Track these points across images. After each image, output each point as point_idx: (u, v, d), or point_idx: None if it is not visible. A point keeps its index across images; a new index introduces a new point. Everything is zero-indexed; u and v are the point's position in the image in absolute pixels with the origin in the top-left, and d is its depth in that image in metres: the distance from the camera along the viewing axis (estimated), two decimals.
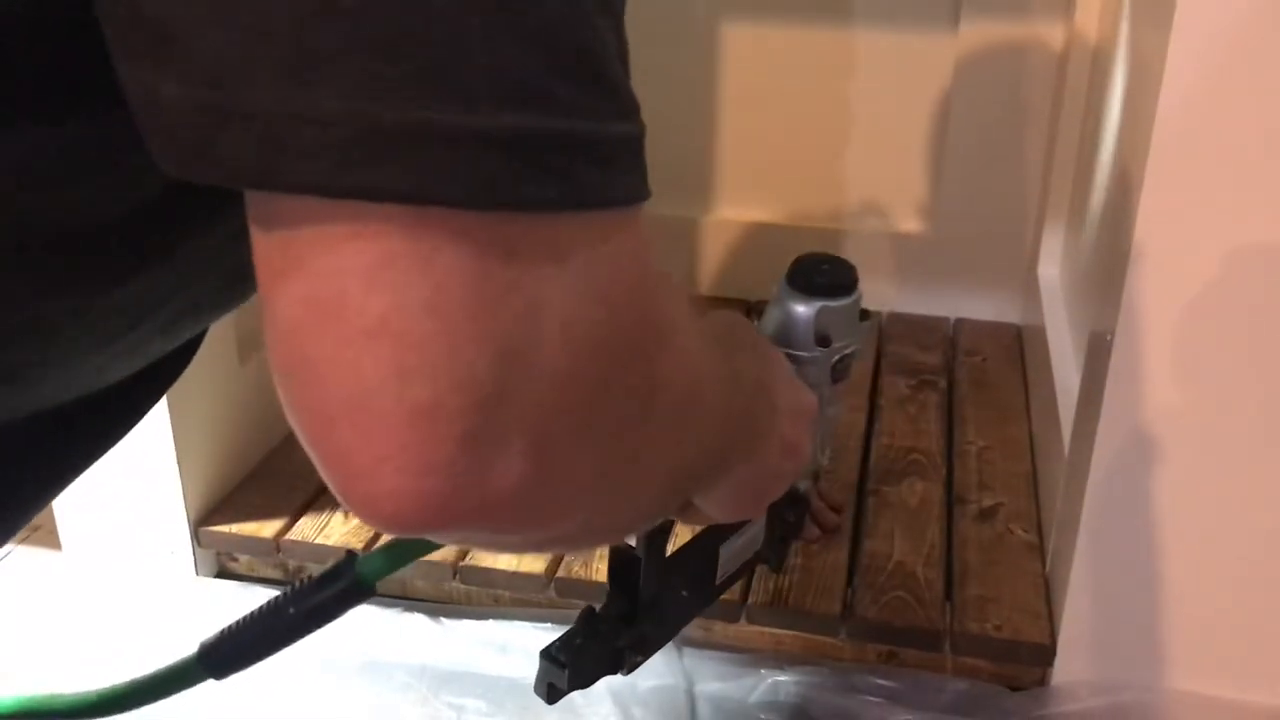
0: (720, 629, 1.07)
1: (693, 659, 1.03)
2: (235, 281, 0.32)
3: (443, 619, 1.09)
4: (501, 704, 1.01)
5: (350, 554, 0.55)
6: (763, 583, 1.06)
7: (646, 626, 0.79)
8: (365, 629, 1.08)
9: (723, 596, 1.04)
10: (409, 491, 0.32)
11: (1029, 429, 1.31)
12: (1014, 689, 1.01)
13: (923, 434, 1.30)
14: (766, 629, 1.06)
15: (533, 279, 0.32)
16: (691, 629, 1.07)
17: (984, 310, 1.58)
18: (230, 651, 0.53)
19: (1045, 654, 1.00)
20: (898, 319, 1.58)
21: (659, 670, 1.02)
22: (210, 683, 0.53)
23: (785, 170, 1.59)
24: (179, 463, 1.12)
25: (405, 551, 0.57)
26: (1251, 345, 0.85)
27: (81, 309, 0.42)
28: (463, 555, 1.10)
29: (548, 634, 1.05)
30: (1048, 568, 1.08)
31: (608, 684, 1.02)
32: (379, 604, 1.11)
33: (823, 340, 0.81)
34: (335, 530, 1.14)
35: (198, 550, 1.16)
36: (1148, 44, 0.91)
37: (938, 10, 1.46)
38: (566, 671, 0.74)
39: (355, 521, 1.15)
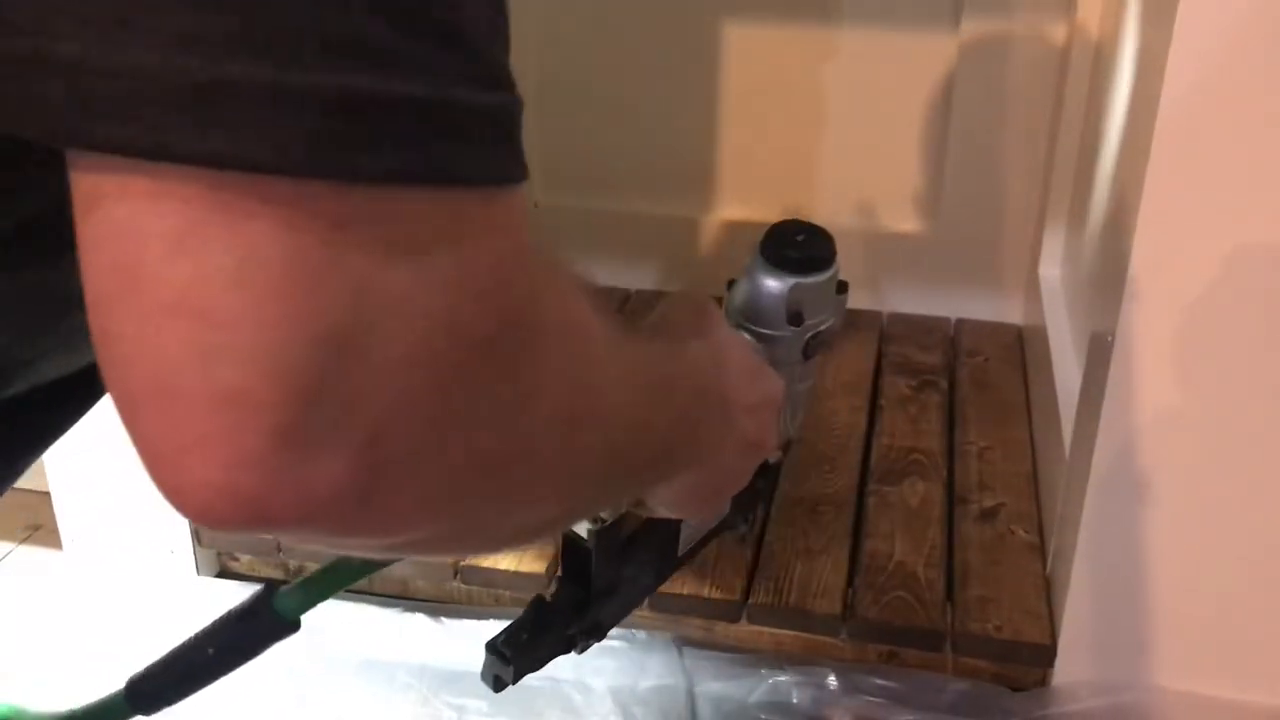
0: (721, 629, 1.07)
1: (693, 659, 1.03)
2: None
3: (443, 619, 1.09)
4: (502, 704, 1.01)
5: (268, 588, 0.52)
6: (764, 583, 1.06)
7: (600, 612, 0.77)
8: (366, 629, 1.08)
9: (722, 596, 1.04)
10: (217, 485, 0.29)
11: (1030, 429, 1.31)
12: (1015, 689, 1.01)
13: (924, 434, 1.30)
14: (767, 629, 1.06)
15: (362, 259, 0.29)
16: (692, 629, 1.07)
17: (985, 311, 1.57)
18: (154, 689, 0.52)
19: (1046, 654, 1.00)
20: (899, 319, 1.58)
21: (660, 670, 1.02)
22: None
23: (785, 170, 1.59)
24: None
25: (326, 585, 0.54)
26: (1252, 346, 0.85)
27: (33, 286, 0.41)
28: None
29: None
30: (1048, 568, 1.08)
31: (608, 684, 1.02)
32: (379, 604, 1.11)
33: (795, 319, 0.75)
34: None
35: (199, 550, 1.16)
36: (1149, 43, 0.91)
37: (938, 9, 1.46)
38: (511, 666, 0.73)
39: None
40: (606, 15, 1.55)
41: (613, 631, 1.07)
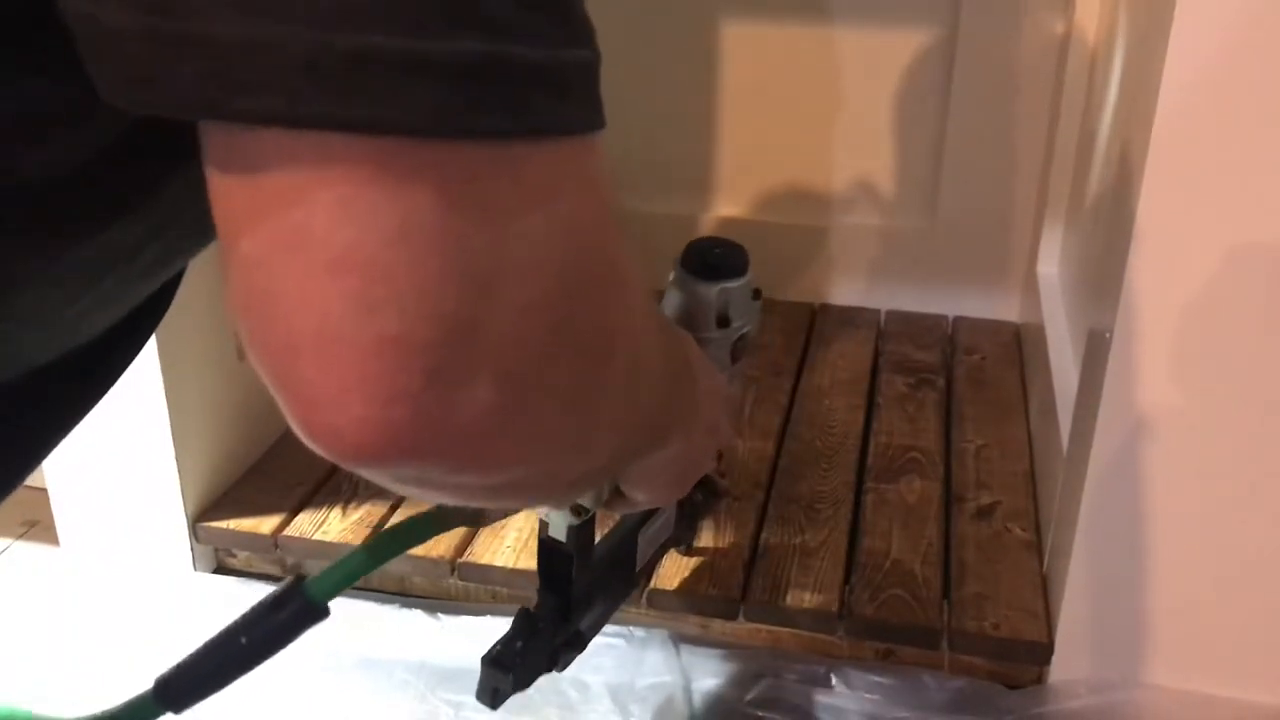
0: (718, 626, 1.07)
1: (690, 656, 1.03)
2: (208, 225, 0.32)
3: (441, 615, 1.09)
4: None
5: (298, 578, 0.54)
6: (761, 581, 1.06)
7: (580, 622, 0.80)
8: (363, 626, 1.08)
9: (719, 593, 1.05)
10: (374, 421, 0.32)
11: (1027, 427, 1.31)
12: (1011, 687, 1.01)
13: (921, 432, 1.30)
14: (764, 626, 1.06)
15: (498, 209, 0.32)
16: (689, 627, 1.07)
17: (982, 308, 1.58)
18: (186, 685, 0.52)
19: (1043, 652, 1.00)
20: (896, 317, 1.58)
21: (657, 668, 1.02)
22: (169, 717, 0.52)
23: (784, 168, 1.59)
24: (177, 459, 1.12)
25: (353, 570, 0.56)
26: (1250, 344, 0.85)
27: (48, 265, 0.41)
28: (461, 552, 1.10)
29: None
30: (1045, 566, 1.08)
31: (606, 682, 1.02)
32: (377, 600, 1.11)
33: (723, 321, 0.82)
34: (333, 526, 1.14)
35: (196, 546, 1.16)
36: (1148, 40, 0.91)
37: (937, 7, 1.46)
38: (512, 675, 0.75)
39: (353, 517, 1.15)
40: (605, 14, 1.54)
41: (609, 628, 1.08)
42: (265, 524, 1.15)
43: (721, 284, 0.81)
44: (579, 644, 0.81)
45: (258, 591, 1.22)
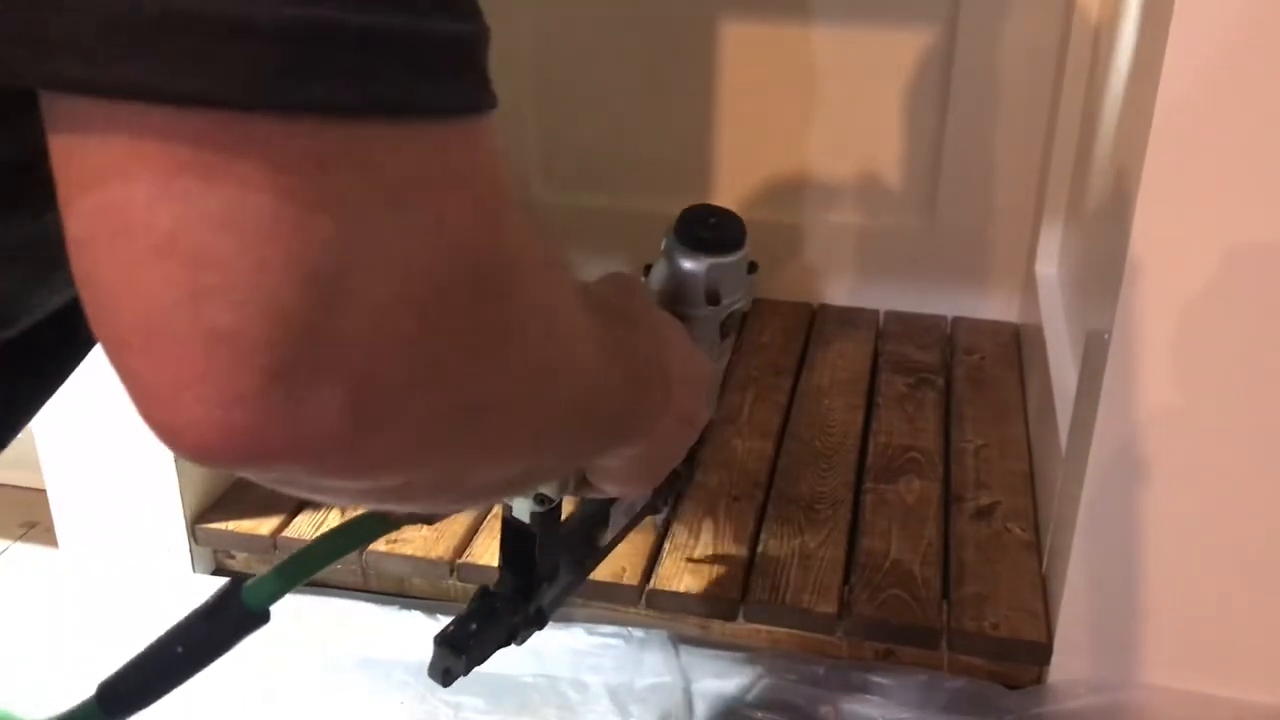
0: (718, 627, 1.07)
1: (690, 657, 1.03)
2: None
3: (440, 616, 1.09)
4: (499, 701, 1.01)
5: (234, 581, 0.52)
6: (760, 581, 1.06)
7: (542, 599, 0.78)
8: (363, 627, 1.08)
9: (719, 594, 1.04)
10: (212, 422, 0.30)
11: (1026, 427, 1.31)
12: (1011, 687, 1.01)
13: (920, 432, 1.30)
14: (764, 627, 1.06)
15: (345, 196, 0.29)
16: (689, 627, 1.07)
17: (982, 309, 1.58)
18: (125, 691, 0.51)
19: (1042, 652, 1.00)
20: (895, 317, 1.58)
21: (657, 668, 1.02)
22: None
23: (781, 167, 1.59)
24: (175, 460, 1.12)
25: (293, 573, 0.54)
26: (1249, 344, 0.85)
27: (32, 236, 0.39)
28: (460, 553, 1.10)
29: (543, 632, 1.05)
30: (1045, 566, 1.08)
31: (605, 682, 1.01)
32: (376, 601, 1.11)
33: (713, 298, 0.77)
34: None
35: (194, 547, 1.16)
36: (1146, 41, 0.91)
37: (935, 5, 1.46)
38: (463, 657, 0.73)
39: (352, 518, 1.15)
40: (602, 13, 1.55)
41: (609, 629, 1.08)
42: (264, 525, 1.15)
43: (713, 259, 0.76)
44: (540, 621, 0.79)
45: None
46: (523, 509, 0.76)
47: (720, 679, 1.02)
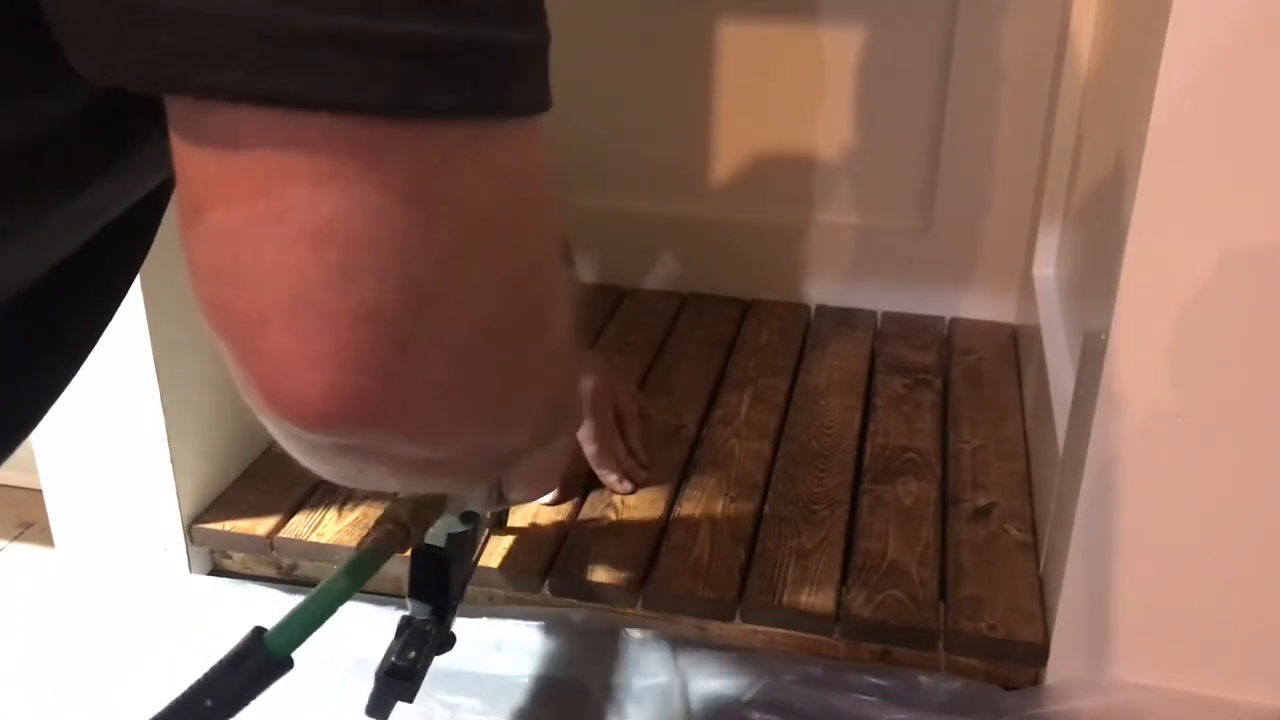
0: (714, 628, 1.07)
1: (686, 658, 1.03)
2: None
3: None
4: (495, 702, 1.01)
5: (257, 630, 0.53)
6: (757, 582, 1.06)
7: (451, 622, 0.82)
8: (361, 627, 1.08)
9: (716, 595, 1.04)
10: (345, 388, 0.33)
11: (1024, 428, 1.31)
12: (1008, 688, 1.01)
13: (917, 433, 1.31)
14: (760, 628, 1.06)
15: (464, 186, 0.33)
16: (686, 628, 1.07)
17: (979, 310, 1.58)
18: None
19: (1039, 653, 1.00)
20: (892, 318, 1.58)
21: (653, 669, 1.02)
22: None
23: (777, 168, 1.59)
24: (172, 460, 1.12)
25: (315, 616, 0.56)
26: (1247, 346, 0.85)
27: (16, 229, 0.42)
28: None
29: (542, 632, 1.05)
30: (1042, 567, 1.08)
31: (601, 682, 1.01)
32: (374, 603, 1.10)
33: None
34: (329, 528, 1.14)
35: (191, 548, 1.16)
36: (1144, 41, 0.91)
37: (934, 5, 1.46)
38: (413, 684, 0.76)
39: (349, 518, 1.15)
40: (602, 13, 1.55)
41: (606, 630, 1.08)
42: (261, 526, 1.15)
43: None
44: (451, 644, 0.83)
45: (253, 593, 1.22)
46: (439, 534, 0.80)
47: (717, 680, 1.02)
